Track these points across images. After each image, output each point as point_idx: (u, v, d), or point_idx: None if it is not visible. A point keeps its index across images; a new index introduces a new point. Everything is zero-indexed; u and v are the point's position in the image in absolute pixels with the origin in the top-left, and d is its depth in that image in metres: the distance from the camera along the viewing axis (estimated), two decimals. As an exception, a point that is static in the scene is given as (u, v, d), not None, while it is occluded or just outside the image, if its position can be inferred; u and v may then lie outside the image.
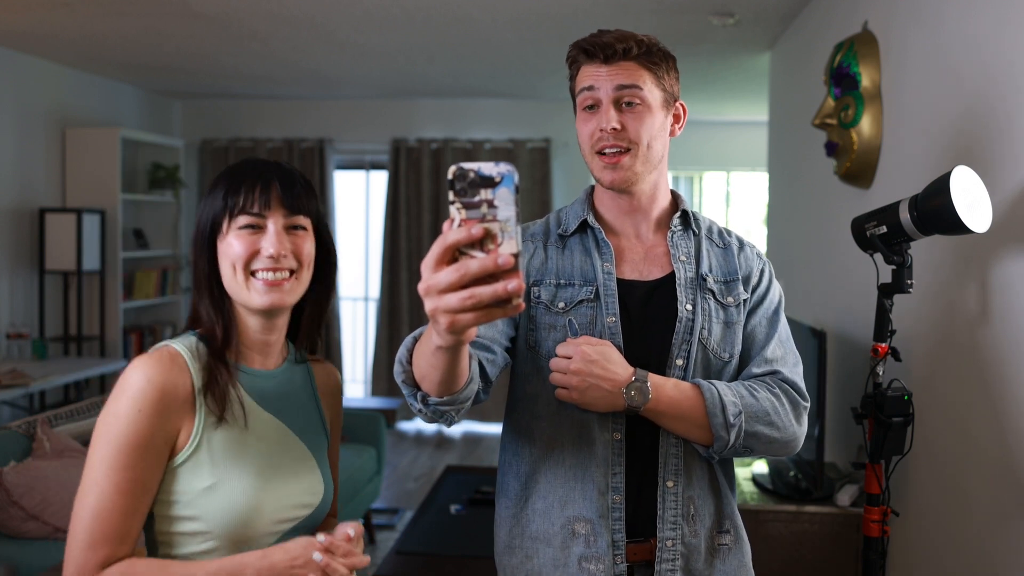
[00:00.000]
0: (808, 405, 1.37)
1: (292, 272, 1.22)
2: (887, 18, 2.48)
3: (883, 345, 1.85)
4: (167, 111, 6.49)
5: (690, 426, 1.30)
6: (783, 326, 1.44)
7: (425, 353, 1.09)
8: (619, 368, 1.26)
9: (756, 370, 1.38)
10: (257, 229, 1.20)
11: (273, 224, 1.20)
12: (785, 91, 4.11)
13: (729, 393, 1.30)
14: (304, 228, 1.24)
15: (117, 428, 1.12)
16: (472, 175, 0.80)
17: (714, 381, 1.33)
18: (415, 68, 5.15)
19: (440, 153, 6.38)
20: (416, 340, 1.18)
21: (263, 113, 6.58)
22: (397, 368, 1.20)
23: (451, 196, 0.80)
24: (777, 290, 1.46)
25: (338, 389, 1.40)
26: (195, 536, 1.16)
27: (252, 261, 1.19)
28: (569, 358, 1.26)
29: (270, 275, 1.19)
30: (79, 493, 1.12)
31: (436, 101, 6.44)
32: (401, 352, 1.20)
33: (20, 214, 4.94)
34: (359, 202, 6.88)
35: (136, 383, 1.13)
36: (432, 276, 0.82)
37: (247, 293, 1.20)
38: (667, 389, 1.28)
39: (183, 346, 1.19)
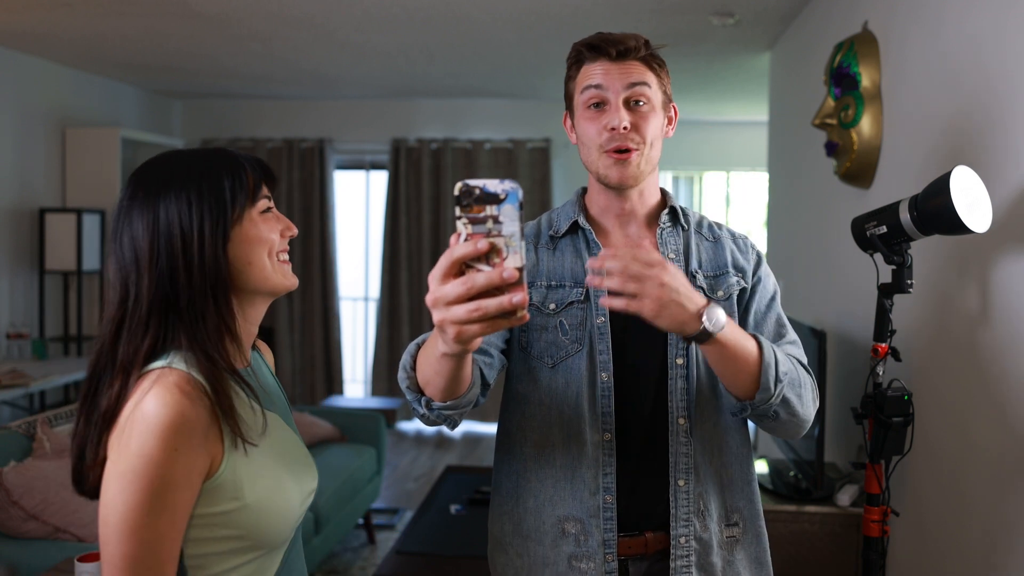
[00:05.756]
0: (819, 402, 1.36)
1: None
2: (887, 18, 2.48)
3: (883, 345, 1.85)
4: (167, 111, 6.49)
5: (741, 370, 1.22)
6: (783, 314, 1.44)
7: (430, 360, 1.11)
8: (696, 293, 1.15)
9: None
10: (270, 212, 1.15)
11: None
12: (785, 91, 4.11)
13: (779, 352, 1.27)
14: None
15: (152, 472, 0.98)
16: (478, 192, 0.83)
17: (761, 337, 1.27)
18: (415, 68, 5.15)
19: (440, 153, 6.38)
20: (419, 347, 1.20)
21: (263, 113, 6.58)
22: (401, 374, 1.22)
23: (457, 211, 0.84)
24: (772, 278, 1.46)
25: (272, 361, 1.37)
26: (236, 550, 1.09)
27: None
28: (652, 265, 1.10)
29: (285, 255, 1.17)
30: (109, 541, 0.99)
31: (436, 101, 6.44)
32: (405, 359, 1.22)
33: (20, 214, 4.94)
34: (359, 202, 6.88)
35: (164, 418, 0.99)
36: (440, 288, 0.85)
37: (280, 278, 1.15)
38: (733, 326, 1.20)
39: (184, 367, 1.05)
